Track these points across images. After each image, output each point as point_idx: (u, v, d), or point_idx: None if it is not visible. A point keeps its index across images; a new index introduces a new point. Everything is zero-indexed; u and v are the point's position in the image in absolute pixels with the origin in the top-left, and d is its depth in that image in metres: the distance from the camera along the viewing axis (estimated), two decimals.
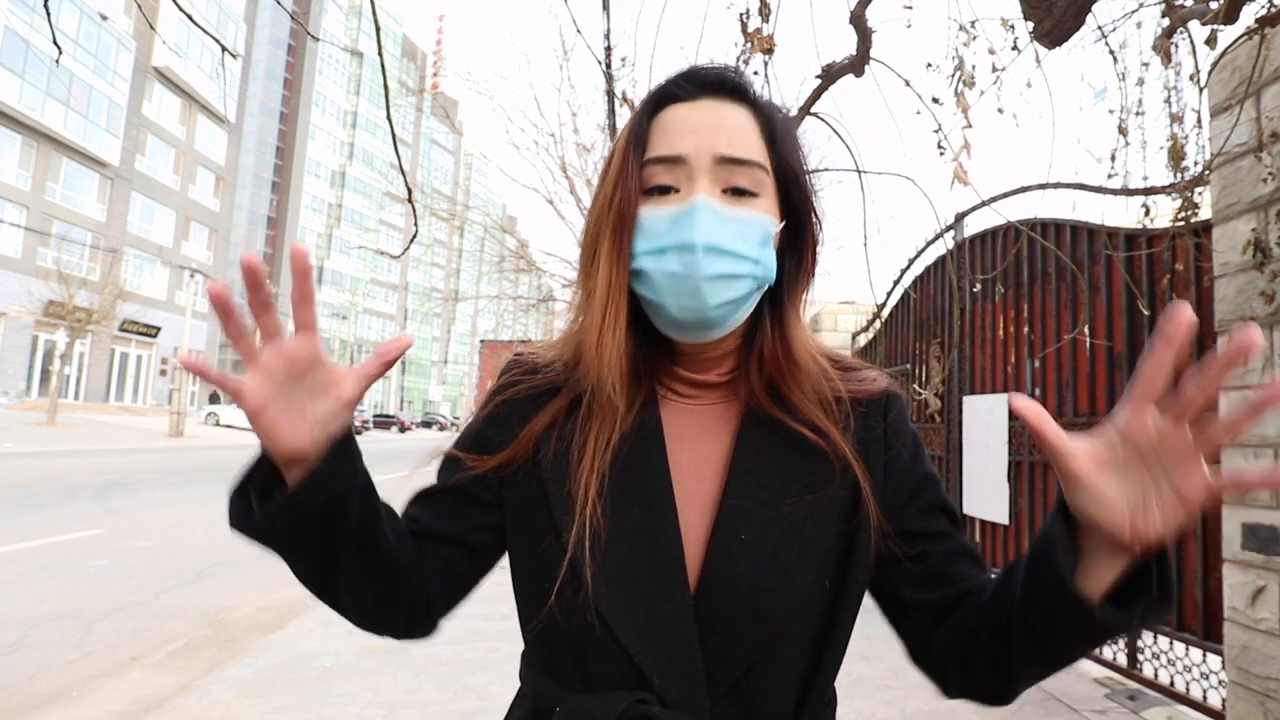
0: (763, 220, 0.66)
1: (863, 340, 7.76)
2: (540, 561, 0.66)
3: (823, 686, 0.68)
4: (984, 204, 3.94)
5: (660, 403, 0.71)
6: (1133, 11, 2.58)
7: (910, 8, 2.43)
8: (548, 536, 0.66)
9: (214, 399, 37.11)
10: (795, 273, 0.71)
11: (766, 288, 0.69)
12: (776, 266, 0.68)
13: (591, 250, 0.68)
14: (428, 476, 0.77)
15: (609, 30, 4.34)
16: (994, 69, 2.49)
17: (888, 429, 0.71)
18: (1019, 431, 4.60)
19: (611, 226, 0.66)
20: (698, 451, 0.70)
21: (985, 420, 4.97)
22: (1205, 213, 3.08)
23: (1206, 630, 3.15)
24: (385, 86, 1.31)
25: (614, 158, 0.68)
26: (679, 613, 0.63)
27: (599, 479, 0.65)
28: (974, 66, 2.41)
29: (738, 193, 0.65)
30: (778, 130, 0.68)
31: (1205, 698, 3.18)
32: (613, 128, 5.81)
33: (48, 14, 1.57)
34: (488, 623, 3.96)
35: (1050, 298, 4.40)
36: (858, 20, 2.49)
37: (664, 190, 0.66)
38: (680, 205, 0.64)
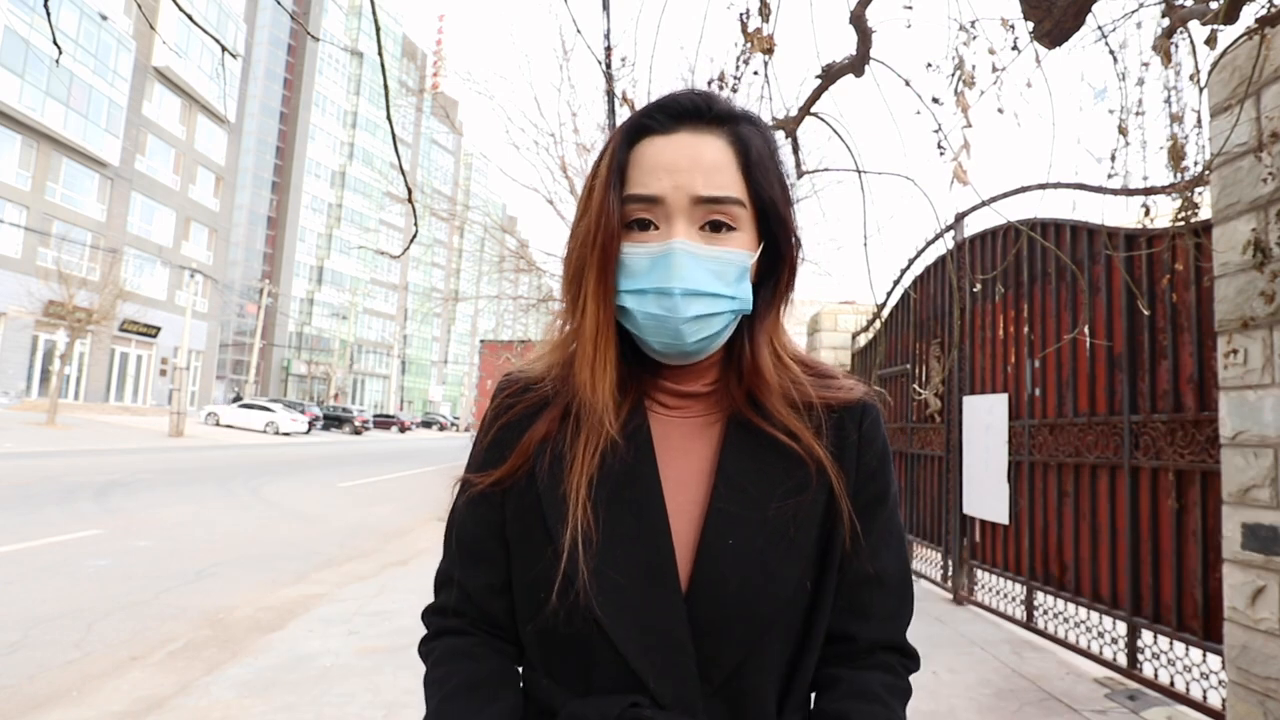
0: (739, 256, 0.67)
1: (863, 340, 7.75)
2: (537, 567, 0.68)
3: (804, 680, 0.71)
4: (984, 204, 3.94)
5: (649, 414, 0.73)
6: (1133, 11, 2.58)
7: (910, 8, 2.43)
8: (544, 542, 0.68)
9: (236, 399, 36.99)
10: (771, 292, 0.74)
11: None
12: (753, 290, 0.71)
13: (577, 280, 0.70)
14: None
15: (609, 30, 4.34)
16: (994, 69, 2.48)
17: (861, 437, 0.73)
18: (1019, 431, 4.60)
19: (596, 264, 0.67)
20: (685, 460, 0.72)
21: (985, 420, 4.97)
22: (1205, 213, 3.08)
23: (1206, 630, 3.16)
24: (385, 86, 1.31)
25: (594, 190, 0.69)
26: (672, 616, 0.65)
27: (588, 480, 0.67)
28: (974, 66, 2.40)
29: (715, 227, 0.67)
30: (753, 156, 0.69)
31: (1205, 698, 3.18)
32: (612, 128, 5.80)
33: (48, 14, 1.56)
34: None
35: (1050, 298, 4.40)
36: (858, 20, 2.49)
37: (644, 225, 0.67)
38: (659, 246, 0.66)
